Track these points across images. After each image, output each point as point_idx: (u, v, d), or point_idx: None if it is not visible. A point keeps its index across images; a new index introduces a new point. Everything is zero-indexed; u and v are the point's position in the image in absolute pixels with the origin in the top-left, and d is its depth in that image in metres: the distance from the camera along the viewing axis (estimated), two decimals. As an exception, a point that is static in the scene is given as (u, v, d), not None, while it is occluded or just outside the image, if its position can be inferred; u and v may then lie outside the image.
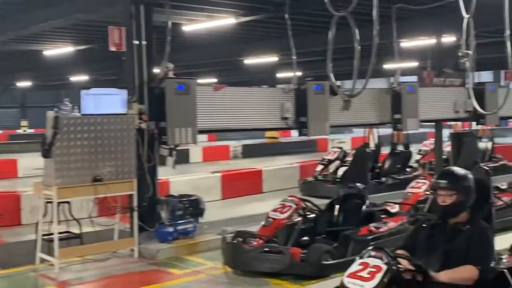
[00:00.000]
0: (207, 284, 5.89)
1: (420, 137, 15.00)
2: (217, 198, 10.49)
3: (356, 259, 3.84)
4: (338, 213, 6.90)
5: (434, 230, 4.13)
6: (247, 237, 6.25)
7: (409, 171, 11.73)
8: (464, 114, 9.77)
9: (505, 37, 6.25)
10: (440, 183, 4.07)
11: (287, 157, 16.96)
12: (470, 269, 3.81)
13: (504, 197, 8.19)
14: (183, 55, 16.63)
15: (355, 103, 8.10)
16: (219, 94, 7.41)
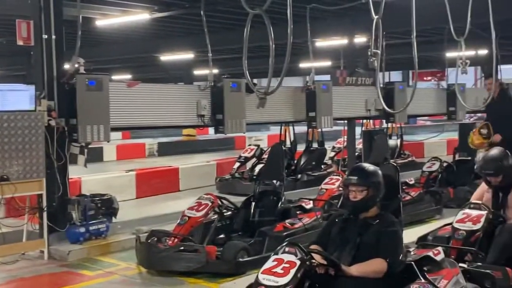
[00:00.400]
0: (121, 285, 5.75)
1: (335, 134, 15.37)
2: (131, 197, 10.29)
3: (271, 256, 3.87)
4: (254, 210, 6.94)
5: (346, 224, 4.24)
6: (162, 236, 6.16)
7: (324, 168, 11.99)
8: (375, 112, 10.10)
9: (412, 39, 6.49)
10: (351, 180, 4.17)
11: (204, 155, 16.90)
12: (379, 262, 3.93)
13: (412, 192, 8.52)
14: (96, 51, 16.21)
15: (271, 101, 8.15)
16: (133, 91, 7.26)
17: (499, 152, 5.49)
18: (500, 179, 5.32)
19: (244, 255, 5.90)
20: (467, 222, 5.15)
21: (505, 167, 5.31)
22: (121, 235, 7.26)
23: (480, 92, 12.18)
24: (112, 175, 11.00)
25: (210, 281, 5.68)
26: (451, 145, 12.92)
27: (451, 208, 8.30)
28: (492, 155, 5.48)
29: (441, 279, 4.04)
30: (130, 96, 7.24)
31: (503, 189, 5.39)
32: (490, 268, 4.61)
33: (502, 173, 5.30)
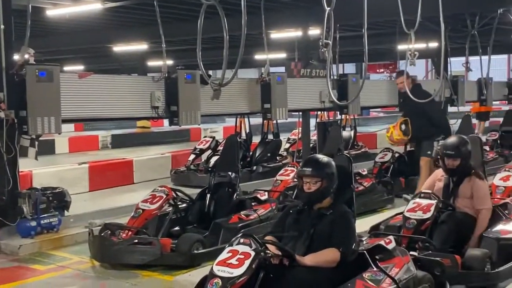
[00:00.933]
0: (73, 279, 5.67)
1: (290, 126, 15.46)
2: (84, 190, 10.11)
3: (225, 247, 3.88)
4: (209, 202, 6.93)
5: (300, 215, 4.29)
6: (116, 229, 6.09)
7: (279, 159, 12.05)
8: (329, 104, 10.19)
9: (364, 31, 6.58)
10: (304, 171, 4.22)
11: (159, 147, 16.73)
12: (332, 252, 3.99)
13: (365, 182, 8.66)
14: (47, 41, 15.83)
15: (226, 93, 8.15)
16: (85, 82, 7.12)
17: (460, 137, 5.69)
18: (458, 162, 5.48)
19: (199, 247, 5.89)
20: (418, 211, 5.28)
21: (464, 152, 5.49)
22: (74, 228, 7.14)
23: (431, 84, 12.47)
24: (64, 167, 10.78)
25: (165, 274, 5.65)
26: (403, 136, 13.14)
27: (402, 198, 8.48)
28: (454, 139, 5.70)
29: (393, 267, 4.14)
30: (82, 88, 7.10)
31: (456, 174, 5.54)
32: (440, 256, 4.74)
33: (460, 156, 5.47)
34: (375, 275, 4.00)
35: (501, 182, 6.71)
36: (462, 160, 5.48)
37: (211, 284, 3.61)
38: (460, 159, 5.48)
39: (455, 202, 5.50)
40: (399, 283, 4.01)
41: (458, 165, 5.49)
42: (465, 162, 5.50)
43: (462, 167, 5.50)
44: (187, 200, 6.87)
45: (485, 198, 5.48)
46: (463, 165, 5.49)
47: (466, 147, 5.53)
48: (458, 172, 5.54)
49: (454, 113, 12.93)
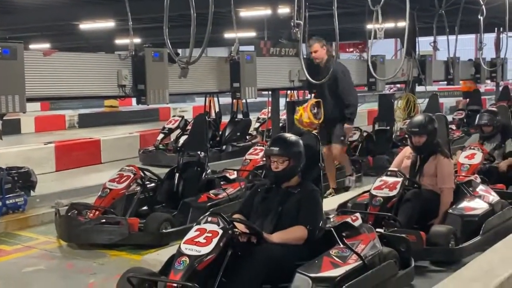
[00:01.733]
0: (40, 259, 5.60)
1: (260, 105, 15.45)
2: (51, 170, 9.98)
3: (193, 226, 3.88)
4: (178, 181, 6.90)
5: (268, 194, 4.31)
6: (83, 209, 6.03)
7: (249, 139, 12.04)
8: (298, 83, 10.19)
9: (334, 10, 6.57)
10: (272, 150, 4.23)
11: (127, 126, 16.58)
12: (300, 229, 4.03)
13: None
14: (12, 18, 15.47)
15: (195, 72, 8.07)
16: (50, 60, 6.96)
17: (426, 115, 5.77)
18: (424, 139, 5.56)
19: (167, 226, 5.87)
20: (384, 189, 5.36)
21: (430, 129, 5.56)
22: (40, 208, 7.05)
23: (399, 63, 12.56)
24: (30, 147, 10.61)
25: (133, 253, 5.63)
26: (372, 116, 13.28)
27: (370, 176, 8.57)
28: (420, 117, 5.79)
29: (359, 243, 4.20)
30: (47, 65, 6.94)
31: (423, 152, 5.62)
32: (405, 233, 4.82)
33: (426, 133, 5.54)
34: (341, 252, 4.05)
35: (466, 160, 6.83)
36: (428, 137, 5.56)
37: (179, 262, 3.61)
38: (426, 136, 5.55)
39: (421, 180, 5.59)
40: (365, 259, 4.07)
41: (424, 142, 5.57)
42: (431, 139, 5.57)
43: (428, 144, 5.58)
44: (155, 179, 6.83)
45: (448, 177, 5.56)
46: (429, 142, 5.57)
47: (432, 125, 5.60)
48: (425, 149, 5.62)
49: (422, 93, 13.12)
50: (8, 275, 5.20)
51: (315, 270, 3.80)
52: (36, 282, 5.05)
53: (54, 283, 5.02)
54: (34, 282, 5.07)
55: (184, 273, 3.54)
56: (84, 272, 5.19)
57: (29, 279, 5.13)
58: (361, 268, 4.02)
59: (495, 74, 15.49)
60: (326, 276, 3.79)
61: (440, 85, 20.42)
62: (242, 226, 3.94)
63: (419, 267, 4.81)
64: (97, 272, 5.18)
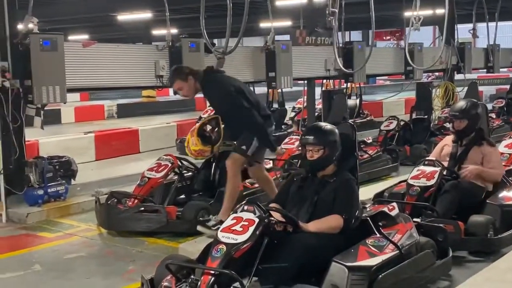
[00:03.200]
0: (81, 246, 5.75)
1: (296, 95, 15.43)
2: (91, 159, 10.18)
3: (230, 214, 3.92)
4: (214, 170, 6.94)
5: (304, 183, 4.32)
6: (122, 198, 6.15)
7: (284, 128, 12.05)
8: (334, 72, 10.15)
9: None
10: (307, 139, 4.24)
11: (164, 116, 16.75)
12: (335, 218, 4.03)
13: (370, 150, 8.66)
14: (52, 10, 15.73)
15: (231, 61, 8.11)
16: (89, 51, 7.11)
17: (469, 100, 5.70)
18: (465, 124, 5.49)
19: (204, 214, 5.94)
20: (422, 178, 5.31)
21: (472, 114, 5.49)
22: (81, 197, 7.22)
23: (438, 51, 12.37)
24: (70, 137, 10.84)
25: (171, 241, 5.72)
26: (409, 104, 13.12)
27: (407, 166, 8.50)
28: (462, 102, 5.72)
29: (395, 233, 4.18)
30: (86, 56, 7.09)
31: (463, 137, 5.54)
32: (443, 222, 4.78)
33: (467, 117, 5.47)
34: (378, 241, 4.04)
35: (506, 149, 6.72)
36: (469, 122, 5.48)
37: (216, 250, 3.65)
38: (467, 120, 5.48)
39: (461, 169, 5.50)
40: (402, 249, 4.06)
41: (465, 127, 5.50)
42: (472, 124, 5.50)
43: (469, 129, 5.50)
44: (192, 168, 6.90)
45: (498, 163, 5.50)
46: (470, 127, 5.49)
47: (475, 110, 5.53)
48: (465, 135, 5.53)
49: (461, 81, 12.89)
50: (50, 261, 5.35)
51: (351, 259, 3.80)
52: (77, 269, 5.18)
53: (95, 270, 5.14)
54: (75, 268, 5.20)
55: (221, 261, 3.59)
56: (124, 259, 5.30)
57: (70, 265, 5.26)
58: (398, 258, 4.00)
59: (537, 62, 15.12)
60: (363, 265, 3.79)
61: (479, 73, 20.01)
62: (278, 214, 3.96)
63: (457, 257, 4.77)
64: (136, 259, 5.29)
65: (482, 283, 3.98)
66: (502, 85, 21.76)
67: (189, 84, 5.71)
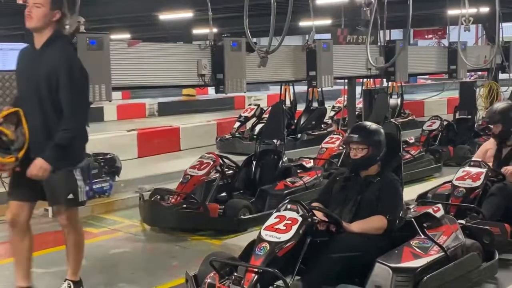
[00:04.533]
0: (125, 241, 5.85)
1: (335, 93, 15.34)
2: (133, 156, 10.33)
3: (273, 213, 3.94)
4: (255, 169, 7.00)
5: (347, 182, 4.30)
6: (165, 194, 6.24)
7: (324, 127, 12.02)
8: (375, 71, 10.04)
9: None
10: (352, 138, 4.22)
11: (204, 114, 16.89)
12: (379, 219, 4.00)
13: (412, 150, 8.57)
14: (93, 10, 15.99)
15: (271, 60, 8.11)
16: (133, 50, 7.19)
17: (504, 103, 5.62)
18: (500, 128, 5.42)
19: (246, 212, 5.99)
20: (467, 180, 5.23)
21: (505, 117, 5.43)
22: (125, 193, 7.35)
23: (481, 50, 12.12)
24: (114, 134, 11.04)
25: (213, 238, 5.79)
26: (452, 104, 12.92)
27: (450, 167, 8.37)
28: (494, 106, 5.66)
29: (441, 235, 4.13)
30: (131, 56, 7.17)
31: (501, 140, 5.47)
32: (489, 225, 4.70)
33: (500, 121, 5.40)
34: (422, 243, 4.00)
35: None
36: (504, 126, 5.43)
37: (259, 248, 3.68)
38: (500, 124, 5.42)
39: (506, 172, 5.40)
40: (447, 251, 4.01)
41: (500, 131, 5.45)
42: (507, 126, 5.42)
43: (507, 132, 5.43)
44: (233, 167, 6.96)
45: None
46: (506, 130, 5.43)
47: (507, 113, 5.45)
48: (503, 138, 5.47)
49: (506, 80, 12.60)
50: (95, 256, 5.44)
51: (396, 260, 3.78)
52: (121, 264, 5.28)
53: (139, 265, 5.23)
54: (120, 263, 5.30)
55: (264, 259, 3.61)
56: (167, 255, 5.38)
57: (115, 260, 5.37)
58: (443, 260, 3.96)
59: None
60: (407, 267, 3.76)
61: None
62: (321, 214, 3.96)
63: (504, 260, 4.69)
64: (179, 255, 5.37)
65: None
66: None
67: (47, 12, 3.87)
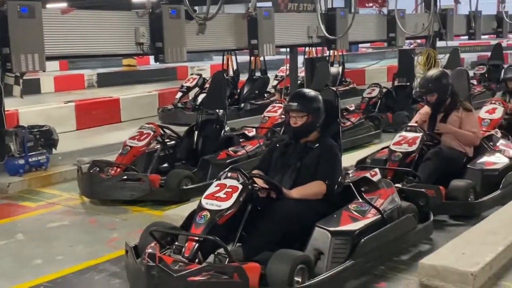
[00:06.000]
0: (63, 215, 5.73)
1: (278, 63, 15.33)
2: (72, 128, 10.08)
3: (213, 182, 3.92)
4: (197, 139, 6.95)
5: (287, 149, 4.31)
6: (104, 166, 6.12)
7: (267, 97, 12.01)
8: (316, 40, 10.08)
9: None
10: (291, 106, 4.22)
11: (146, 85, 16.58)
12: (318, 184, 4.04)
13: (352, 117, 8.69)
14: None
15: (212, 29, 8.02)
16: (68, 18, 6.97)
17: (436, 71, 5.70)
18: (435, 97, 5.52)
19: (187, 182, 5.95)
20: (403, 144, 5.35)
21: (438, 86, 5.50)
22: (62, 166, 7.18)
23: (420, 18, 12.34)
24: (51, 106, 10.73)
25: (155, 209, 5.73)
26: (391, 72, 13.12)
27: (390, 133, 8.54)
28: (430, 75, 5.68)
29: (378, 198, 4.22)
30: (65, 24, 6.96)
31: (438, 109, 5.58)
32: (424, 187, 4.83)
33: (435, 91, 5.50)
34: (360, 206, 4.08)
35: (487, 115, 6.76)
36: (439, 94, 5.51)
37: (200, 216, 3.67)
38: (436, 93, 5.51)
39: (442, 136, 5.55)
40: (384, 213, 4.10)
41: (436, 99, 5.53)
42: (442, 95, 5.52)
43: (442, 100, 5.53)
44: (175, 137, 6.89)
45: (474, 126, 5.52)
46: (442, 98, 5.52)
47: (440, 81, 5.53)
48: (439, 106, 5.56)
49: (443, 48, 12.91)
50: (33, 230, 5.34)
51: (334, 224, 3.84)
52: (60, 237, 5.17)
53: (78, 238, 5.13)
54: (58, 236, 5.19)
55: (205, 227, 3.60)
56: (107, 227, 5.30)
57: (54, 234, 5.25)
58: (380, 222, 4.05)
59: (519, 28, 15.16)
60: (345, 230, 3.83)
61: (461, 40, 20.04)
62: (261, 181, 3.97)
63: (438, 221, 4.85)
64: (119, 227, 5.30)
65: (463, 246, 4.04)
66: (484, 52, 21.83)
67: None
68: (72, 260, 4.50)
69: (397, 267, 4.14)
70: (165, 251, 3.68)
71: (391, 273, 4.06)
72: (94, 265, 4.35)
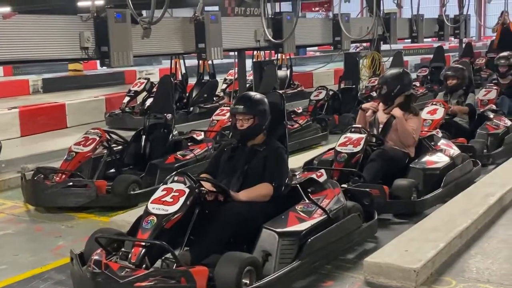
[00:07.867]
0: (8, 223, 5.58)
1: (228, 67, 15.35)
2: (16, 135, 9.83)
3: (160, 186, 3.91)
4: (145, 143, 6.89)
5: (235, 153, 4.34)
6: (49, 173, 5.99)
7: (216, 100, 12.01)
8: (264, 43, 10.16)
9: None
10: (237, 109, 4.25)
11: (93, 90, 16.31)
12: (265, 186, 4.09)
13: (300, 120, 8.77)
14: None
15: (159, 32, 7.98)
16: (9, 22, 6.80)
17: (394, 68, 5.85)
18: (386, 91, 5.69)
19: (135, 187, 5.89)
20: (348, 145, 5.46)
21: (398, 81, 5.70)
22: (6, 173, 7.00)
23: (364, 22, 12.60)
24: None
25: (101, 215, 5.66)
26: (338, 75, 13.33)
27: (336, 134, 8.67)
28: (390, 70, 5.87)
29: (324, 198, 4.29)
30: (7, 28, 6.78)
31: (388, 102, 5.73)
32: (369, 187, 4.94)
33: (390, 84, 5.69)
34: (307, 207, 4.14)
35: (428, 116, 6.96)
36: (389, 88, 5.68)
37: (146, 221, 3.65)
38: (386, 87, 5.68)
39: (386, 136, 5.68)
40: (330, 213, 4.18)
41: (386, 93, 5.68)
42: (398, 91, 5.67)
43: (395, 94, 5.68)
44: (122, 142, 6.81)
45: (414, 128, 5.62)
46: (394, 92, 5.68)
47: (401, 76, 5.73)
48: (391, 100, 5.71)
49: (387, 51, 13.20)
50: (-25, 240, 5.19)
51: (282, 225, 3.89)
52: (4, 246, 5.03)
53: (23, 246, 5.02)
54: (2, 245, 5.05)
55: (152, 232, 3.59)
56: (53, 235, 5.20)
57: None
58: (326, 222, 4.12)
59: (459, 31, 15.67)
60: (292, 231, 3.88)
61: (405, 43, 20.55)
62: (209, 184, 3.99)
63: (383, 220, 4.96)
64: (65, 234, 5.20)
65: (406, 243, 4.15)
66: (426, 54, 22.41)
67: None
68: (17, 269, 4.40)
69: (343, 265, 4.22)
70: (111, 257, 3.65)
71: (337, 271, 4.13)
72: (39, 274, 4.27)
